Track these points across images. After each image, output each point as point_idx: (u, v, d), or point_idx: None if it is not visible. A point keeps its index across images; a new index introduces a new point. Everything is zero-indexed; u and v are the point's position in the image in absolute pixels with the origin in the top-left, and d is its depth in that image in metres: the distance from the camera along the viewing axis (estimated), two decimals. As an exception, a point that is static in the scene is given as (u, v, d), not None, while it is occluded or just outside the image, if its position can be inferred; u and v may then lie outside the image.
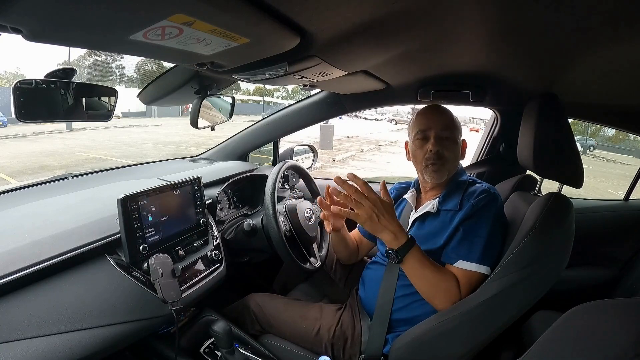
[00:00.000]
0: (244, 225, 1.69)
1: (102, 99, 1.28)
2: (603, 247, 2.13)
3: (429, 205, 1.42)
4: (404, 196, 1.58)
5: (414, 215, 1.47)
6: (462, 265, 1.26)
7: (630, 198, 2.27)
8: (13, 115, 1.02)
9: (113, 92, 1.31)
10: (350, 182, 1.24)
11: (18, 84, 1.01)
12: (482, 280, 1.23)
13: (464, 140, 1.48)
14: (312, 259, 1.72)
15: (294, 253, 1.58)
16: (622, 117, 1.95)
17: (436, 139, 1.40)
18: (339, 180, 1.24)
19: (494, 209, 1.31)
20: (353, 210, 1.23)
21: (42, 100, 1.06)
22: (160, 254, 1.21)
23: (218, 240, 1.56)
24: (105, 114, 1.29)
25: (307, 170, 1.99)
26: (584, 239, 1.47)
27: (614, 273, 2.09)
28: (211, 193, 1.71)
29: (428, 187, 1.51)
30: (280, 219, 1.62)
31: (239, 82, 1.48)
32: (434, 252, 1.34)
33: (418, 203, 1.52)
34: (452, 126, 1.42)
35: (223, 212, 1.90)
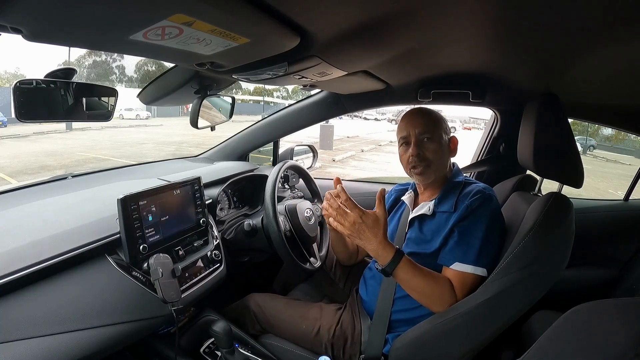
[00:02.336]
0: (244, 225, 1.70)
1: (102, 99, 1.28)
2: (603, 247, 2.13)
3: (425, 207, 1.42)
4: (402, 198, 1.59)
5: (410, 216, 1.48)
6: (458, 267, 1.26)
7: (630, 198, 2.27)
8: (13, 115, 1.02)
9: (113, 92, 1.31)
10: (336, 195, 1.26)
11: (18, 84, 1.01)
12: (479, 282, 1.23)
13: (453, 137, 1.47)
14: (312, 259, 1.72)
15: (294, 253, 1.58)
16: (622, 117, 1.95)
17: (416, 143, 1.40)
18: (328, 195, 1.28)
19: (489, 210, 1.31)
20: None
21: (42, 100, 1.06)
22: (160, 254, 1.21)
23: (218, 240, 1.56)
24: (105, 114, 1.29)
25: (307, 170, 1.99)
26: (584, 239, 1.47)
27: (614, 273, 2.09)
28: (211, 193, 1.71)
29: (424, 189, 1.51)
30: (280, 219, 1.62)
31: (239, 82, 1.48)
32: (431, 254, 1.34)
33: (415, 204, 1.52)
34: (431, 127, 1.41)
35: (223, 212, 1.90)
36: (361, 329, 1.43)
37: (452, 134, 1.47)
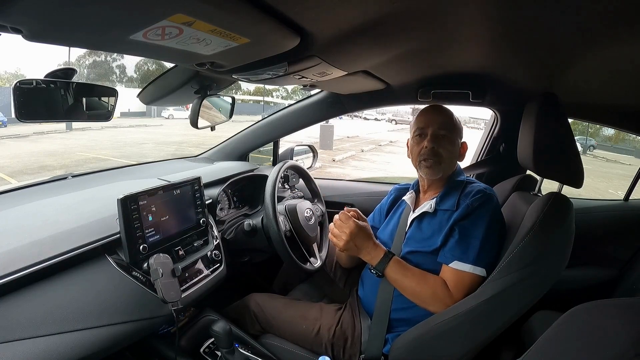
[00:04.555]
0: (244, 225, 1.69)
1: (102, 99, 1.28)
2: (603, 247, 2.13)
3: (427, 205, 1.43)
4: (403, 198, 1.59)
5: (412, 216, 1.48)
6: (457, 265, 1.27)
7: (630, 198, 2.26)
8: (13, 115, 1.01)
9: (113, 92, 1.30)
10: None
11: (18, 83, 1.01)
12: (477, 282, 1.24)
13: (464, 143, 1.50)
14: (312, 259, 1.72)
15: (294, 253, 1.58)
16: (622, 117, 1.95)
17: (432, 136, 1.42)
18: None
19: (489, 210, 1.32)
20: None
21: (42, 100, 1.06)
22: (160, 254, 1.21)
23: (218, 240, 1.56)
24: (105, 114, 1.29)
25: (307, 170, 1.98)
26: (584, 239, 1.47)
27: (614, 273, 2.08)
28: (211, 193, 1.71)
29: (426, 188, 1.52)
30: (280, 219, 1.62)
31: (239, 82, 1.48)
32: (431, 252, 1.35)
33: (417, 204, 1.53)
34: (450, 126, 1.44)
35: (223, 212, 1.90)
36: (361, 329, 1.43)
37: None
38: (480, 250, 1.26)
